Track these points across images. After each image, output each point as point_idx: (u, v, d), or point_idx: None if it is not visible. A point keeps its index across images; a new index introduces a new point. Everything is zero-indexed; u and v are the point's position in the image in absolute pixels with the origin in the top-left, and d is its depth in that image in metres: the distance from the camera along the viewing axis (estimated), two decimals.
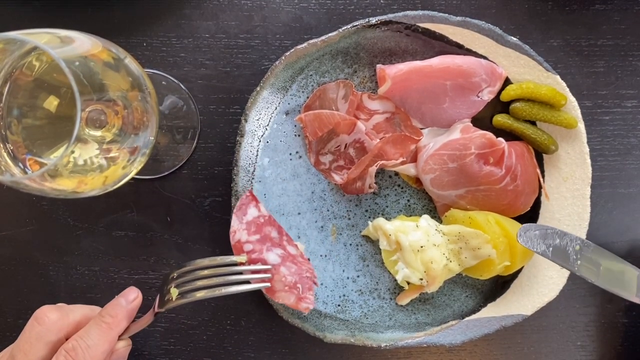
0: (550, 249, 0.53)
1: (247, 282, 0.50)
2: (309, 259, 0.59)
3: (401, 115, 0.60)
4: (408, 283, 0.59)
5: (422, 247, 0.55)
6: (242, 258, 0.52)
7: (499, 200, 0.58)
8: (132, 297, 0.48)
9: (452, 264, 0.56)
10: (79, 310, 0.48)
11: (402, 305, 0.61)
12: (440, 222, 0.60)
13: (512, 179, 0.57)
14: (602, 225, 0.63)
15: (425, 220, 0.57)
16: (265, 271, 0.52)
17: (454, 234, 0.56)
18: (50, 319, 0.45)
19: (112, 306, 0.47)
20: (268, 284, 0.51)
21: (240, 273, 0.51)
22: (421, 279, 0.56)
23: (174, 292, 0.48)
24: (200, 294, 0.48)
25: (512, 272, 0.58)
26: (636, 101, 0.63)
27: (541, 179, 0.59)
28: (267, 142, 0.59)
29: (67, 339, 0.46)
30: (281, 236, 0.56)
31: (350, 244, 0.61)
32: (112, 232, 0.62)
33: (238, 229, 0.55)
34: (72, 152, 0.39)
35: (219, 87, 0.62)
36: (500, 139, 0.57)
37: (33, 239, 0.62)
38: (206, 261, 0.50)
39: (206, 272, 0.49)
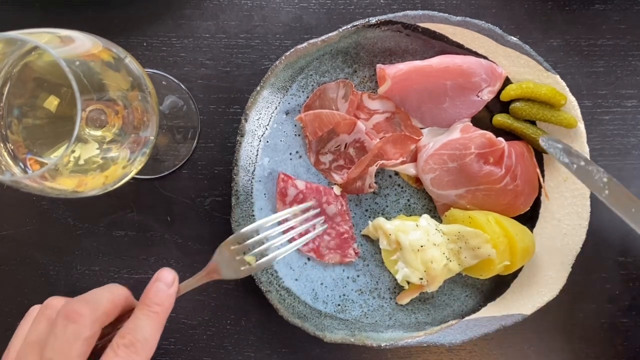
0: (575, 166, 0.53)
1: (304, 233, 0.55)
2: (347, 204, 0.61)
3: (401, 115, 0.60)
4: (408, 283, 0.59)
5: (422, 246, 0.55)
6: (293, 210, 0.55)
7: (499, 199, 0.58)
8: (170, 279, 0.46)
9: (452, 263, 0.56)
10: (104, 298, 0.45)
11: (402, 305, 0.61)
12: (440, 221, 0.60)
13: (512, 178, 0.57)
14: (602, 225, 0.63)
15: (425, 219, 0.57)
16: (314, 216, 0.58)
17: (454, 234, 0.56)
18: (83, 315, 0.42)
19: (155, 293, 0.45)
20: (326, 226, 0.59)
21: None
22: (421, 279, 0.56)
23: (251, 259, 0.49)
24: (276, 253, 0.50)
25: (512, 271, 0.58)
26: (636, 101, 0.63)
27: (541, 179, 0.59)
28: (267, 141, 0.59)
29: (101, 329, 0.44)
30: (320, 200, 0.60)
31: None
32: (112, 232, 0.62)
33: (284, 210, 0.58)
34: (73, 151, 0.39)
35: (219, 86, 0.62)
36: (500, 138, 0.57)
37: (33, 239, 0.62)
38: (260, 223, 0.51)
39: (266, 233, 0.51)
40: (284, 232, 0.55)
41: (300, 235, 0.56)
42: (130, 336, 0.42)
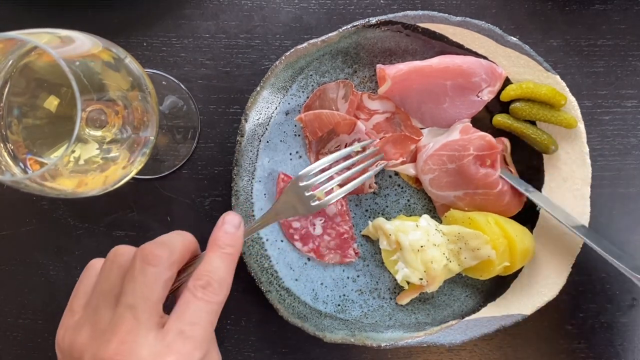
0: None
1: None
2: (347, 206, 0.61)
3: (401, 115, 0.60)
4: (408, 283, 0.59)
5: (422, 246, 0.55)
6: (356, 148, 0.57)
7: (497, 202, 0.58)
8: (237, 221, 0.46)
9: (452, 264, 0.56)
10: (178, 242, 0.45)
11: (402, 305, 0.61)
12: (440, 222, 0.60)
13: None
14: (602, 225, 0.63)
15: (425, 220, 0.57)
16: (373, 155, 0.58)
17: (454, 235, 0.56)
18: (162, 258, 0.42)
19: (225, 235, 0.45)
20: (386, 163, 0.59)
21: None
22: (421, 279, 0.56)
23: (320, 194, 0.52)
24: (344, 188, 0.53)
25: (512, 272, 0.58)
26: (636, 101, 0.63)
27: (514, 171, 0.59)
28: (267, 142, 0.59)
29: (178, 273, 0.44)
30: None
31: None
32: (112, 232, 0.62)
33: None
34: (73, 151, 0.39)
35: (219, 87, 0.62)
36: (498, 139, 0.57)
37: (33, 239, 0.62)
38: (326, 159, 0.53)
39: (335, 169, 0.54)
40: (347, 169, 0.56)
41: (363, 172, 0.57)
42: (207, 277, 0.42)
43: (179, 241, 0.44)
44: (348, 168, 0.57)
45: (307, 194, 0.51)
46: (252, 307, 0.63)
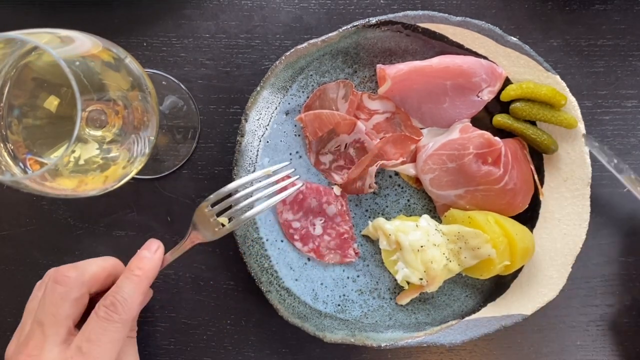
0: (612, 163, 0.56)
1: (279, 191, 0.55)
2: (347, 204, 0.61)
3: (401, 115, 0.60)
4: (408, 283, 0.59)
5: (422, 246, 0.55)
6: (267, 171, 0.55)
7: (498, 199, 0.58)
8: (154, 247, 0.50)
9: (452, 263, 0.56)
10: (93, 264, 0.49)
11: (402, 305, 0.61)
12: (440, 222, 0.60)
13: (510, 177, 0.57)
14: (602, 225, 0.63)
15: (425, 220, 0.57)
16: (288, 177, 0.57)
17: (454, 234, 0.56)
18: (70, 277, 0.46)
19: (139, 259, 0.48)
20: (301, 185, 0.58)
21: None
22: (421, 279, 0.56)
23: (223, 220, 0.52)
24: (251, 212, 0.52)
25: (512, 271, 0.58)
26: (636, 101, 0.63)
27: (535, 175, 0.59)
28: (267, 142, 0.59)
29: (89, 294, 0.48)
30: (319, 200, 0.60)
31: None
32: (112, 232, 0.62)
33: (284, 210, 0.60)
34: (73, 151, 0.39)
35: (219, 87, 0.62)
36: (497, 138, 0.57)
37: (33, 239, 0.62)
38: (235, 184, 0.53)
39: (242, 192, 0.53)
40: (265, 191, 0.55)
41: (282, 190, 0.55)
42: (112, 297, 0.45)
43: (94, 263, 0.49)
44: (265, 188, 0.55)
45: (212, 220, 0.51)
46: (252, 307, 0.63)
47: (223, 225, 0.52)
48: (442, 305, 0.61)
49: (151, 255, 0.49)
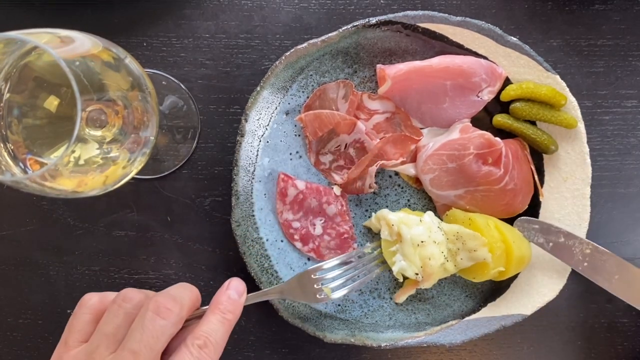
0: (551, 244, 0.56)
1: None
2: (347, 206, 0.61)
3: (401, 115, 0.60)
4: (403, 277, 0.59)
5: (422, 242, 0.55)
6: (367, 249, 0.59)
7: (498, 200, 0.58)
8: (241, 289, 0.49)
9: (449, 263, 0.57)
10: (187, 297, 0.46)
11: (402, 305, 0.61)
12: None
13: (511, 178, 0.57)
14: (601, 225, 0.63)
15: (430, 216, 0.57)
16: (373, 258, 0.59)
17: (453, 234, 0.56)
18: (173, 312, 0.44)
19: (228, 300, 0.47)
20: (378, 270, 0.59)
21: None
22: (417, 274, 0.56)
23: (328, 290, 0.55)
24: (349, 287, 0.56)
25: (505, 278, 0.58)
26: (636, 101, 0.63)
27: (535, 176, 0.59)
28: (267, 142, 0.59)
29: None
30: (319, 200, 0.60)
31: None
32: (112, 232, 0.62)
33: (284, 210, 0.60)
34: (73, 151, 0.39)
35: (219, 87, 0.62)
36: (497, 138, 0.57)
37: (33, 239, 0.62)
38: (338, 260, 0.57)
39: (343, 268, 0.56)
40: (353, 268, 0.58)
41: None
42: (205, 338, 0.44)
43: (188, 297, 0.46)
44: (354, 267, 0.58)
45: (315, 286, 0.54)
46: (252, 307, 0.63)
47: (326, 294, 0.55)
48: (442, 305, 0.61)
49: (239, 298, 0.48)
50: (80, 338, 0.44)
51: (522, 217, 0.58)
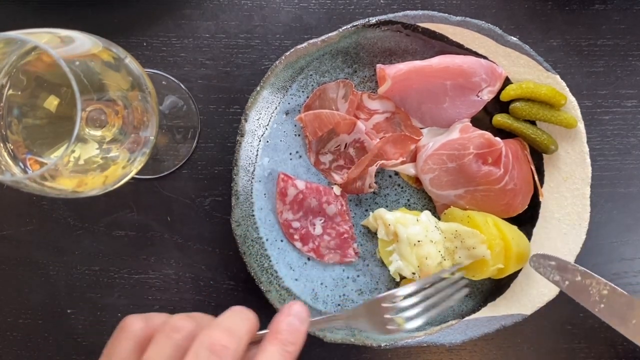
0: (567, 282, 0.53)
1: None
2: (347, 205, 0.61)
3: (401, 115, 0.60)
4: (400, 276, 0.59)
5: (419, 241, 0.56)
6: (445, 274, 0.54)
7: (498, 200, 0.58)
8: (304, 315, 0.42)
9: (446, 262, 0.57)
10: (244, 329, 0.41)
11: None
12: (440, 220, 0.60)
13: (511, 178, 0.57)
14: (601, 225, 0.63)
15: (426, 215, 0.57)
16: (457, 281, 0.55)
17: (451, 232, 0.56)
18: (231, 349, 0.38)
19: (290, 330, 0.41)
20: (468, 290, 0.54)
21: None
22: (413, 273, 0.57)
23: (400, 320, 0.49)
24: (426, 316, 0.50)
25: (504, 275, 0.58)
26: (636, 101, 0.63)
27: (535, 176, 0.59)
28: (267, 141, 0.59)
29: None
30: (319, 200, 0.59)
31: None
32: (112, 232, 0.62)
33: (284, 210, 0.60)
34: (73, 151, 0.39)
35: (219, 87, 0.62)
36: (497, 138, 0.57)
37: (33, 239, 0.62)
38: (413, 287, 0.51)
39: (419, 296, 0.50)
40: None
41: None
42: None
43: (246, 329, 0.41)
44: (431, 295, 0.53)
45: (386, 316, 0.49)
46: (252, 307, 0.63)
47: (398, 325, 0.49)
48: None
49: (300, 326, 0.42)
50: None
51: (537, 253, 0.55)
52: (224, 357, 0.37)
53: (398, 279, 0.59)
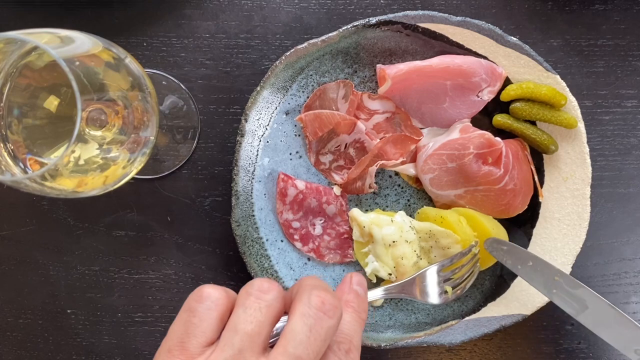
0: (519, 267, 0.55)
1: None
2: (347, 204, 0.61)
3: (401, 115, 0.60)
4: (377, 277, 0.59)
5: (394, 242, 0.56)
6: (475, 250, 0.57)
7: (498, 200, 0.58)
8: (365, 284, 0.42)
9: (422, 261, 0.57)
10: (339, 291, 0.41)
11: (402, 305, 0.61)
12: None
13: (511, 178, 0.57)
14: (602, 225, 0.63)
15: (401, 216, 0.58)
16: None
17: (425, 232, 0.57)
18: (339, 309, 0.36)
19: (361, 300, 0.40)
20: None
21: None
22: (390, 274, 0.57)
23: (449, 288, 0.54)
24: (465, 283, 0.55)
25: (484, 268, 0.59)
26: (636, 101, 0.63)
27: (535, 176, 0.59)
28: (267, 142, 0.59)
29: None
30: (319, 200, 0.59)
31: None
32: (112, 232, 0.62)
33: (284, 210, 0.60)
34: (73, 151, 0.39)
35: (219, 87, 0.62)
36: (498, 138, 0.57)
37: (33, 239, 0.62)
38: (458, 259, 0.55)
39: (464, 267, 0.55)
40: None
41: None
42: (349, 342, 0.37)
43: (340, 289, 0.41)
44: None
45: (440, 285, 0.54)
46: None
47: (447, 293, 0.54)
48: (442, 305, 0.61)
49: (365, 295, 0.41)
50: (204, 342, 0.34)
51: (491, 238, 0.56)
52: (333, 318, 0.35)
53: (375, 281, 0.59)
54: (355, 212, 0.59)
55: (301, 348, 0.33)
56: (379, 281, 0.60)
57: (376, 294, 0.52)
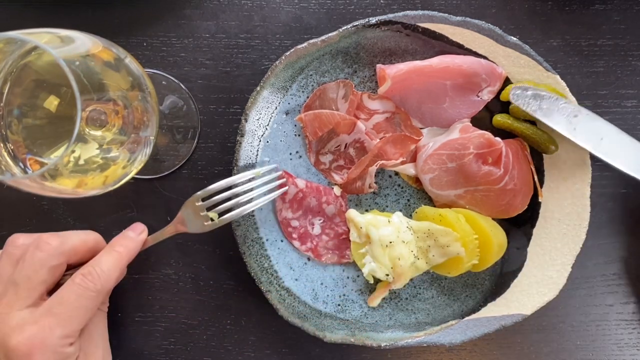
0: (539, 110, 0.56)
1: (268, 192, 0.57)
2: (346, 205, 0.61)
3: (401, 115, 0.60)
4: (374, 278, 0.59)
5: (391, 242, 0.56)
6: (257, 172, 0.56)
7: (498, 200, 0.58)
8: (139, 229, 0.53)
9: (420, 261, 0.57)
10: (75, 236, 0.50)
11: (401, 305, 0.61)
12: None
13: (511, 178, 0.57)
14: (602, 225, 0.63)
15: (398, 216, 0.58)
16: (279, 177, 0.58)
17: (423, 231, 0.57)
18: (51, 245, 0.47)
19: (123, 237, 0.51)
20: (287, 188, 0.58)
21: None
22: (387, 275, 0.57)
23: (214, 215, 0.54)
24: (238, 210, 0.54)
25: (484, 268, 0.59)
26: (636, 101, 0.63)
27: (535, 176, 0.59)
28: (267, 141, 0.59)
29: (67, 264, 0.49)
30: (319, 200, 0.59)
31: None
32: (112, 232, 0.62)
33: (283, 208, 0.60)
34: (73, 151, 0.39)
35: (219, 87, 0.62)
36: (498, 138, 0.57)
37: None
38: (225, 182, 0.54)
39: (230, 191, 0.54)
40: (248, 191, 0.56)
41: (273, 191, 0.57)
42: (90, 267, 0.48)
43: (75, 235, 0.50)
44: (248, 190, 0.56)
45: (201, 214, 0.53)
46: (252, 307, 0.63)
47: (212, 220, 0.54)
48: (442, 305, 0.61)
49: (135, 236, 0.52)
50: None
51: (517, 85, 0.56)
52: (44, 251, 0.47)
53: (372, 281, 0.59)
54: (353, 213, 0.59)
55: (17, 275, 0.46)
56: (377, 282, 0.60)
57: (154, 239, 0.53)
